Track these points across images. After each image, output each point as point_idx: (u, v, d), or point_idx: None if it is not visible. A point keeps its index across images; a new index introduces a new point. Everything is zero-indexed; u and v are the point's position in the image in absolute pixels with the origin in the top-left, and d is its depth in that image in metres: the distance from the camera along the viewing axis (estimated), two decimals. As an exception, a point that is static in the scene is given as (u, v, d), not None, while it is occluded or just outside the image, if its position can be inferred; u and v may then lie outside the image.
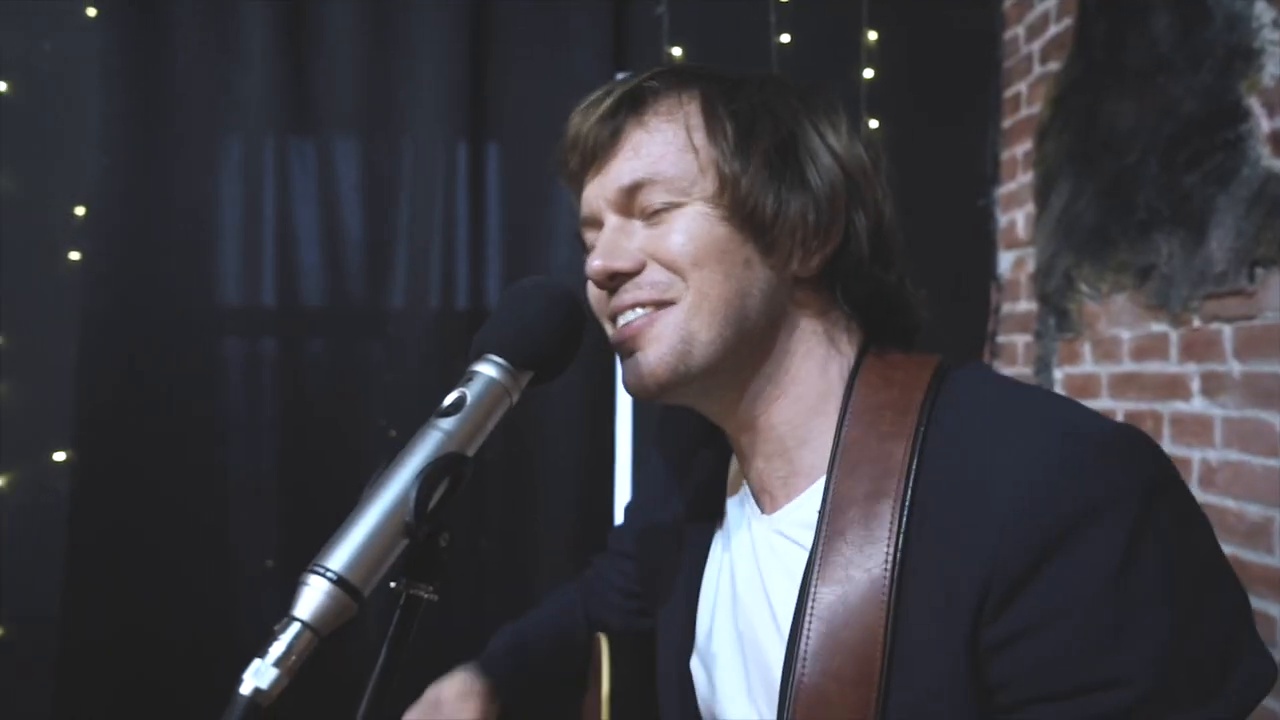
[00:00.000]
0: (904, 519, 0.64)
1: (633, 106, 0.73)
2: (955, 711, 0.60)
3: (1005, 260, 2.41)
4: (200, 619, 2.26)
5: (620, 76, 0.78)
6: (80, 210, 2.22)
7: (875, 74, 2.39)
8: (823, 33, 2.40)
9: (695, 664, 0.84)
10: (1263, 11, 1.56)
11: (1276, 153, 1.54)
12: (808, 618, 0.65)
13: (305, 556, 2.28)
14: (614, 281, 0.73)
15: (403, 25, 2.32)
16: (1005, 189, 2.41)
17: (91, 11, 2.21)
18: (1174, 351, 1.76)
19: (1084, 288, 2.04)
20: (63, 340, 2.22)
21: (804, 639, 0.65)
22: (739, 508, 0.81)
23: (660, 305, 0.72)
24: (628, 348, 0.73)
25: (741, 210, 0.71)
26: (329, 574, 0.53)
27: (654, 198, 0.72)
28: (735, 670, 0.78)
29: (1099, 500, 0.57)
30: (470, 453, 0.61)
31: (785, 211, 0.71)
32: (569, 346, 0.70)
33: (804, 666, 0.64)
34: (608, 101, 0.73)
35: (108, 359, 2.22)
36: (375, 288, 2.33)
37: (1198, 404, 1.69)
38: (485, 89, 2.35)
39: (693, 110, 0.73)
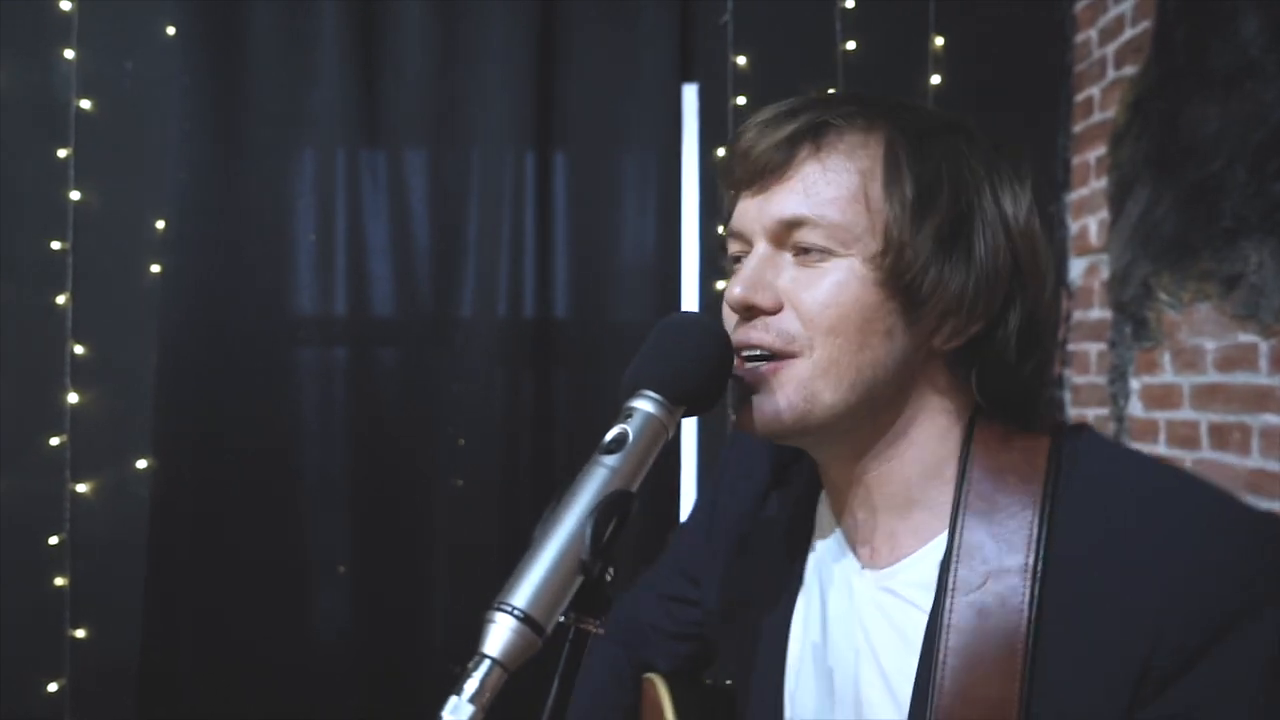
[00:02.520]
0: (1038, 586, 0.64)
1: (814, 136, 0.71)
2: None
3: (1077, 267, 2.37)
4: (275, 623, 2.31)
5: (804, 97, 0.75)
6: (160, 224, 2.28)
7: (942, 80, 2.36)
8: (889, 39, 2.38)
9: (786, 701, 0.82)
10: (1361, 15, 1.53)
11: (1377, 160, 1.50)
12: (936, 683, 0.65)
13: (377, 562, 2.33)
14: (749, 313, 0.72)
15: (471, 38, 2.35)
16: (1076, 194, 2.37)
17: (171, 30, 2.27)
18: (1264, 363, 1.72)
19: (1163, 296, 2.01)
20: (143, 350, 2.29)
21: (930, 706, 0.65)
22: (831, 557, 0.80)
23: (784, 355, 0.70)
24: (750, 387, 0.72)
25: (899, 279, 0.69)
26: (516, 612, 0.54)
27: (812, 239, 0.70)
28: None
29: (1262, 594, 0.59)
30: (634, 489, 0.62)
31: (944, 289, 0.69)
32: (722, 382, 0.70)
33: None
34: (790, 127, 0.71)
35: (186, 368, 2.28)
36: (444, 297, 2.37)
37: (1290, 417, 1.65)
38: (552, 99, 2.37)
39: (875, 157, 0.70)
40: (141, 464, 2.27)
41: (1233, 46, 1.79)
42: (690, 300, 2.42)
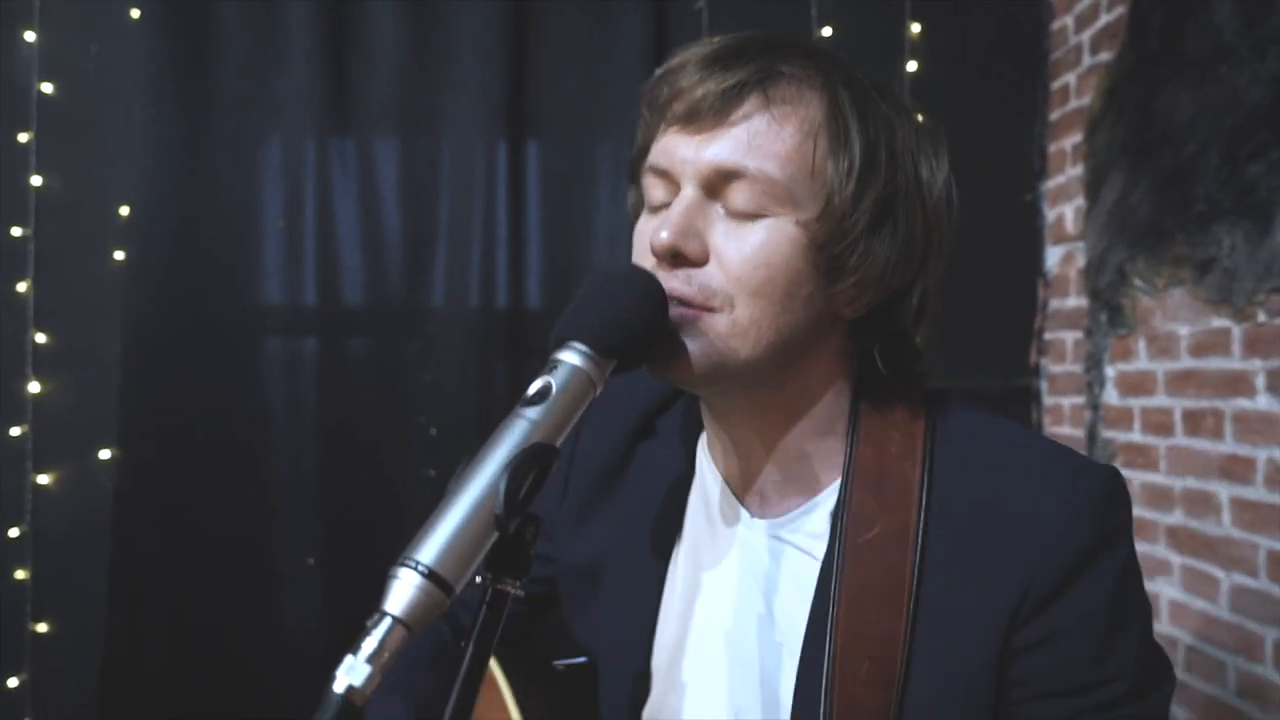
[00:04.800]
0: (923, 534, 0.69)
1: (763, 85, 0.68)
2: (972, 707, 0.66)
3: (1053, 255, 2.36)
4: (242, 617, 2.27)
5: (748, 36, 0.72)
6: (124, 210, 2.24)
7: (919, 67, 2.35)
8: (865, 25, 2.37)
9: (656, 669, 0.80)
10: (1333, -4, 1.52)
11: (1348, 141, 1.49)
12: (830, 626, 0.68)
13: (346, 554, 2.29)
14: (675, 261, 0.68)
15: (443, 26, 2.32)
16: (1053, 183, 2.36)
17: (135, 14, 2.23)
18: (1237, 347, 1.71)
19: (1138, 282, 2.00)
20: (107, 339, 2.24)
21: (827, 646, 0.67)
22: (714, 507, 0.79)
23: (703, 309, 0.68)
24: (669, 331, 0.69)
25: (831, 248, 0.68)
26: (419, 567, 0.51)
27: (746, 196, 0.67)
28: (713, 675, 0.76)
29: (1113, 530, 0.68)
30: (557, 443, 0.59)
31: (871, 263, 0.69)
32: (653, 337, 0.67)
33: (829, 671, 0.67)
34: (739, 72, 0.68)
35: (151, 357, 2.24)
36: (415, 287, 2.33)
37: (1263, 401, 1.64)
38: (525, 88, 2.34)
39: (821, 116, 0.68)
40: (105, 454, 2.23)
41: (1207, 31, 1.78)
42: (665, 289, 2.40)
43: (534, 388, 0.61)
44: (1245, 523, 1.66)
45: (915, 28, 2.36)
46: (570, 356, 0.63)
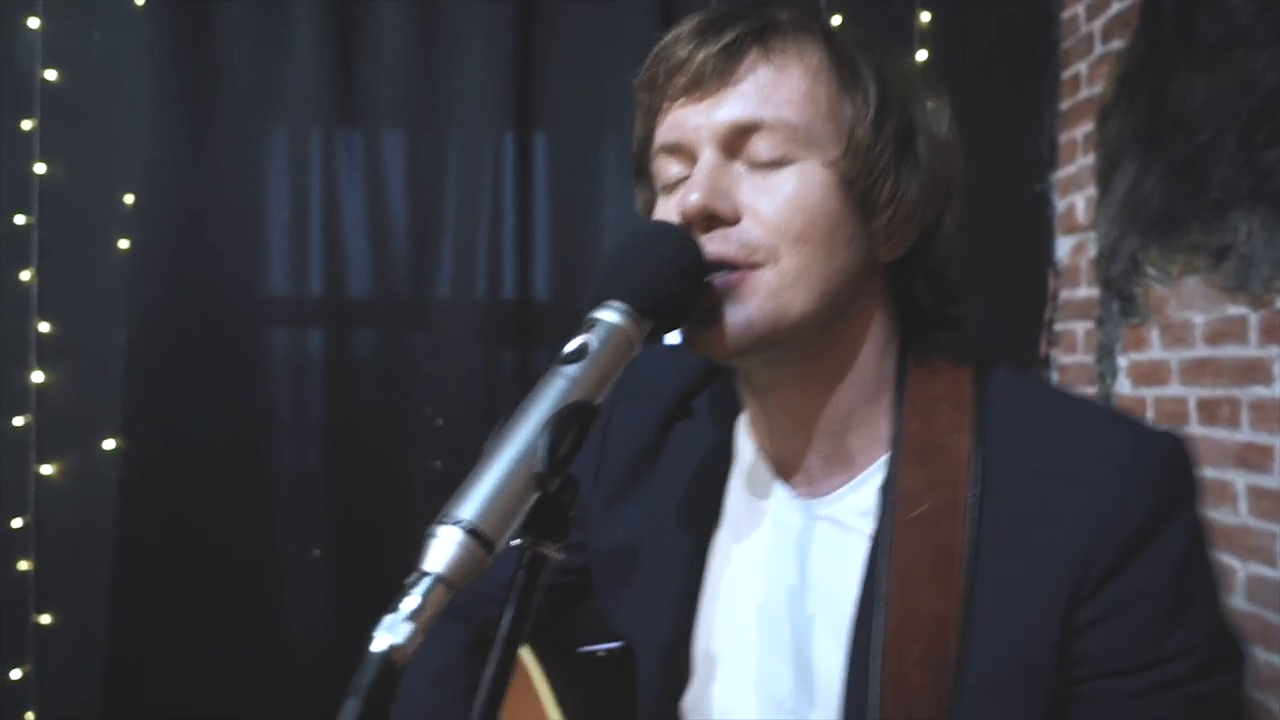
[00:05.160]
0: (975, 509, 0.66)
1: (759, 38, 0.68)
2: (1032, 687, 0.63)
3: (1063, 246, 2.34)
4: (247, 609, 2.25)
5: (733, 3, 0.72)
6: (129, 198, 2.22)
7: (929, 56, 2.33)
8: (875, 14, 2.35)
9: (697, 656, 0.78)
10: (1353, -23, 1.50)
11: (1369, 124, 1.47)
12: (881, 604, 0.65)
13: (352, 546, 2.26)
14: (706, 223, 0.67)
15: (449, 16, 2.30)
16: (1064, 172, 2.35)
17: (139, 1, 2.21)
18: (1254, 334, 1.70)
19: (1151, 271, 1.98)
20: (111, 328, 2.22)
21: (878, 625, 0.65)
22: (755, 490, 0.77)
23: (747, 266, 0.66)
24: (714, 300, 0.67)
25: (861, 183, 0.67)
26: (461, 524, 0.49)
27: (768, 145, 0.66)
28: (758, 659, 0.74)
29: (1177, 499, 0.65)
30: (597, 401, 0.57)
31: (902, 195, 0.68)
32: (692, 295, 0.65)
33: (882, 652, 0.64)
34: (732, 31, 0.67)
35: (156, 347, 2.22)
36: (422, 278, 2.32)
37: (1280, 388, 1.62)
38: (532, 79, 2.32)
39: (824, 58, 0.68)
40: (109, 445, 2.21)
41: (1222, 15, 1.77)
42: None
43: (571, 345, 0.59)
44: (1262, 511, 1.65)
45: (925, 17, 2.35)
46: (608, 315, 0.61)
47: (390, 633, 0.45)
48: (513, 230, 2.33)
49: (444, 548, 0.49)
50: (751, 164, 0.67)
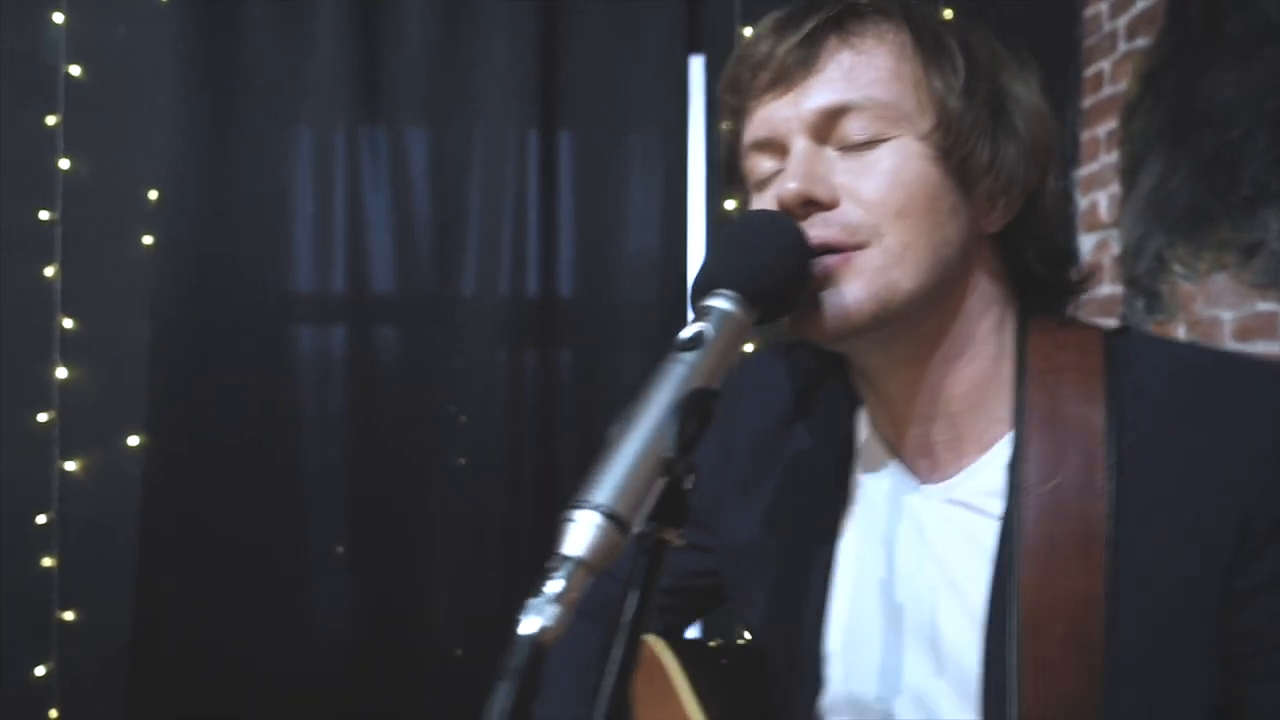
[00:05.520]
0: (1113, 479, 0.64)
1: (837, 25, 0.68)
2: (1196, 660, 0.61)
3: (1086, 243, 2.35)
4: (270, 605, 2.25)
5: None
6: (153, 194, 2.22)
7: (951, 54, 2.34)
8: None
9: (831, 654, 0.77)
10: (1388, -26, 1.51)
11: (1404, 120, 1.48)
12: (1015, 583, 0.64)
13: (375, 543, 2.25)
14: (805, 210, 0.66)
15: (474, 11, 2.30)
16: (1086, 170, 2.35)
17: (165, -3, 2.21)
18: (1284, 331, 1.70)
19: (1178, 268, 1.99)
20: (135, 324, 2.22)
21: (1013, 608, 0.63)
22: (881, 480, 0.77)
23: (850, 248, 0.66)
24: (817, 285, 0.67)
25: (957, 153, 0.67)
26: (599, 507, 0.50)
27: (860, 125, 0.66)
28: (894, 653, 0.73)
29: None
30: (715, 387, 0.57)
31: (1000, 163, 0.68)
32: (799, 283, 0.65)
33: (1018, 634, 0.63)
34: (810, 22, 0.68)
35: (180, 343, 2.22)
36: (446, 275, 2.32)
37: (1313, 384, 1.62)
38: (556, 75, 2.32)
39: (904, 35, 0.68)
40: (133, 441, 2.21)
41: (1251, 10, 1.77)
42: (696, 277, 2.39)
43: (687, 333, 0.59)
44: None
45: (947, 14, 2.35)
46: (720, 303, 0.61)
47: (538, 615, 0.46)
48: (536, 228, 2.33)
49: (582, 531, 0.49)
50: (844, 147, 0.67)
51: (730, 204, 0.77)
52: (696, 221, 2.39)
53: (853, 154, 0.67)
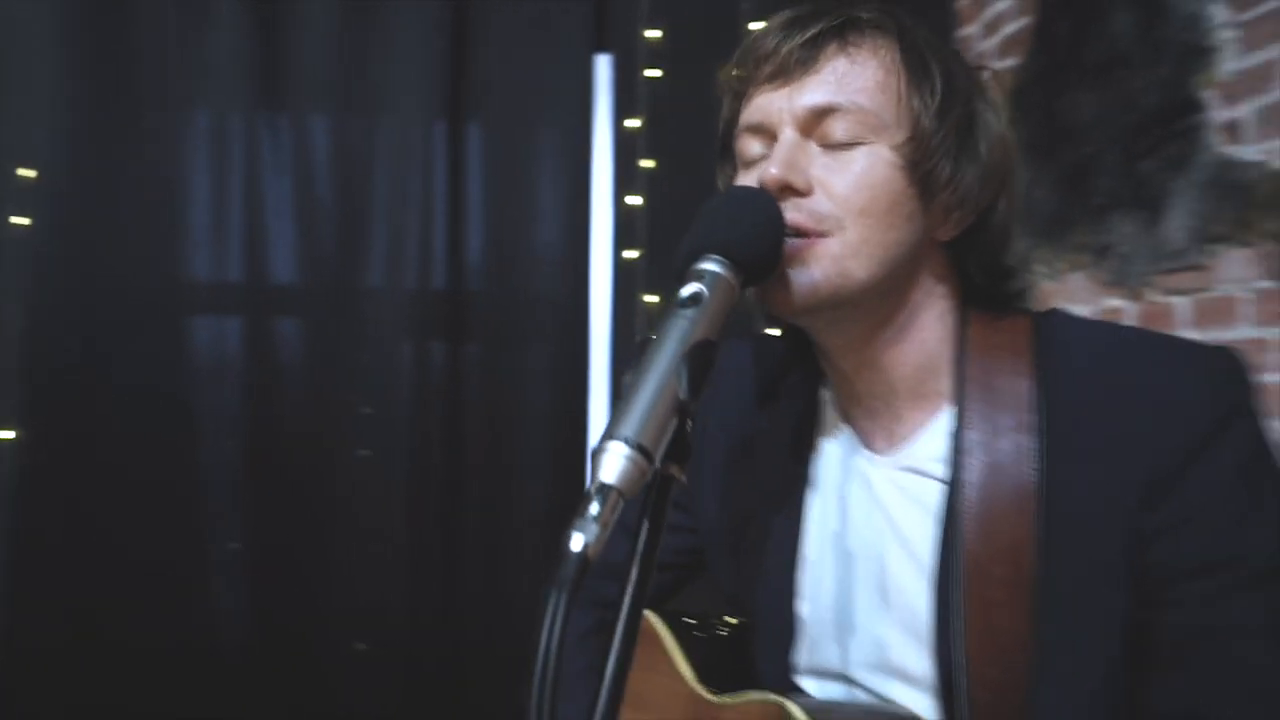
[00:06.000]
0: (1041, 437, 0.73)
1: (839, 34, 0.75)
2: (1116, 591, 0.69)
3: (960, 246, 2.54)
4: (156, 605, 2.16)
5: (819, 2, 0.78)
6: (28, 172, 2.09)
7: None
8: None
9: (802, 615, 0.84)
10: (1216, 11, 1.72)
11: (1229, 141, 1.70)
12: (960, 535, 0.72)
13: (273, 539, 2.21)
14: (782, 194, 0.73)
15: (380, 2, 2.28)
16: (960, 178, 2.55)
17: (44, -34, 2.09)
18: (1130, 323, 1.91)
19: (1040, 268, 2.19)
20: (7, 310, 2.09)
21: (958, 557, 0.72)
22: (842, 454, 0.84)
23: (816, 234, 0.73)
24: (787, 262, 0.74)
25: (923, 166, 0.74)
26: (629, 440, 0.55)
27: (842, 127, 0.74)
28: (857, 609, 0.81)
29: (1234, 405, 0.70)
30: (715, 339, 0.64)
31: (959, 181, 0.75)
32: (776, 255, 0.72)
33: (964, 581, 0.71)
34: (816, 26, 0.75)
35: (59, 332, 2.11)
36: (350, 266, 2.29)
37: (1155, 371, 1.84)
38: (465, 68, 2.34)
39: (896, 53, 0.75)
40: (5, 435, 2.07)
41: (1106, 39, 1.98)
42: (603, 275, 2.44)
43: (686, 292, 0.65)
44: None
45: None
46: (712, 266, 0.67)
47: (583, 534, 0.51)
48: (443, 220, 2.33)
49: (614, 461, 0.54)
50: (825, 144, 0.75)
51: (633, 199, 0.82)
52: (601, 217, 2.45)
53: (832, 151, 0.74)
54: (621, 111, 2.42)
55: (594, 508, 0.52)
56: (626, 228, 2.41)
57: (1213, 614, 0.67)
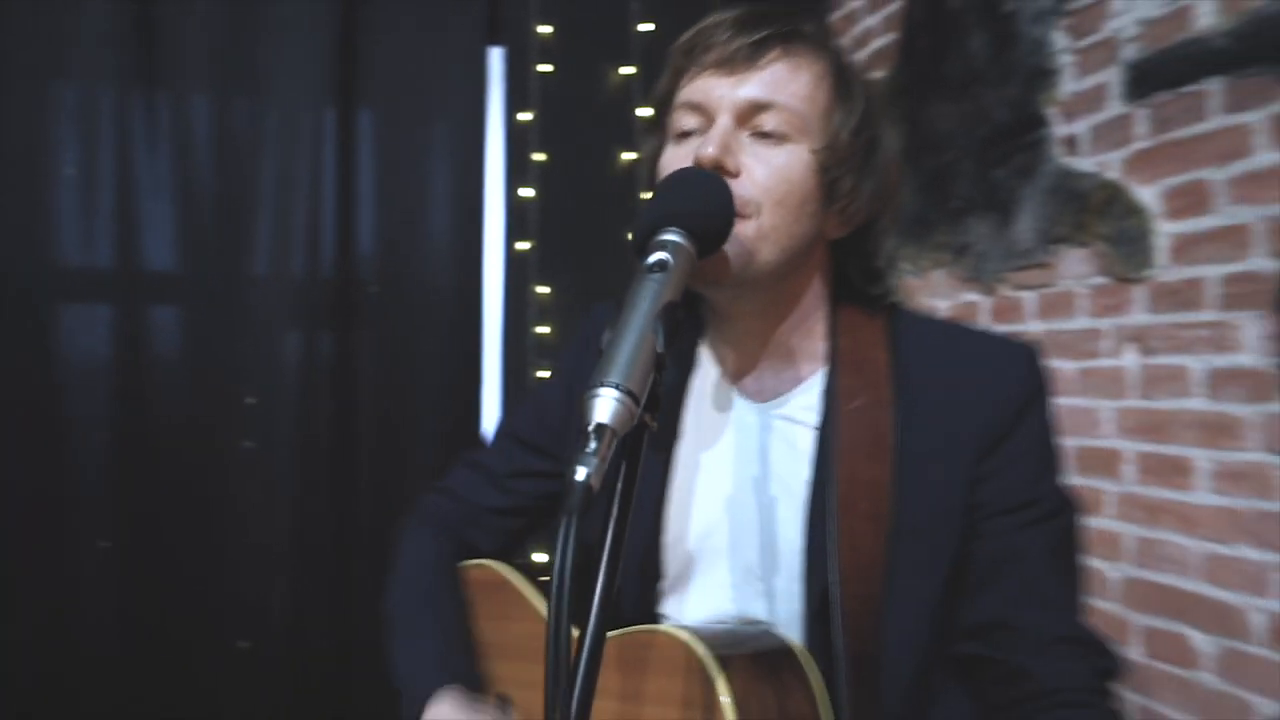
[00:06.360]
0: (895, 396, 0.87)
1: (784, 41, 0.84)
2: (951, 524, 0.84)
3: (832, 243, 2.72)
4: (27, 605, 2.03)
5: (765, 8, 0.87)
6: None
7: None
8: (680, 26, 2.58)
9: (666, 549, 0.92)
10: (1059, 38, 1.94)
11: (1069, 153, 1.92)
12: (831, 474, 0.84)
13: (151, 537, 2.16)
14: (713, 171, 0.81)
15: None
16: (832, 180, 2.73)
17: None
18: (984, 315, 2.12)
19: (905, 265, 2.39)
20: None
21: (831, 493, 0.83)
22: (715, 403, 0.94)
23: (739, 216, 0.82)
24: None
25: (832, 174, 0.85)
26: (618, 386, 0.62)
27: (774, 122, 0.83)
28: (719, 537, 0.90)
29: (1043, 384, 0.88)
30: (679, 300, 0.71)
31: (858, 191, 0.87)
32: (726, 231, 0.80)
33: (836, 512, 0.83)
34: (765, 29, 0.83)
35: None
36: (234, 253, 2.22)
37: (1006, 358, 2.05)
38: (356, 55, 2.31)
39: (827, 69, 0.86)
40: None
41: (964, 58, 2.19)
42: (494, 263, 2.47)
43: (653, 259, 0.72)
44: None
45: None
46: (674, 236, 0.75)
47: (586, 466, 0.58)
48: (333, 207, 2.30)
49: (606, 404, 0.61)
50: (755, 134, 0.84)
51: (525, 191, 0.85)
52: (494, 208, 2.47)
53: (760, 142, 0.84)
54: (514, 105, 2.46)
55: (592, 444, 0.59)
56: (518, 219, 2.45)
57: (1014, 543, 0.83)
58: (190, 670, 2.16)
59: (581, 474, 0.58)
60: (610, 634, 0.84)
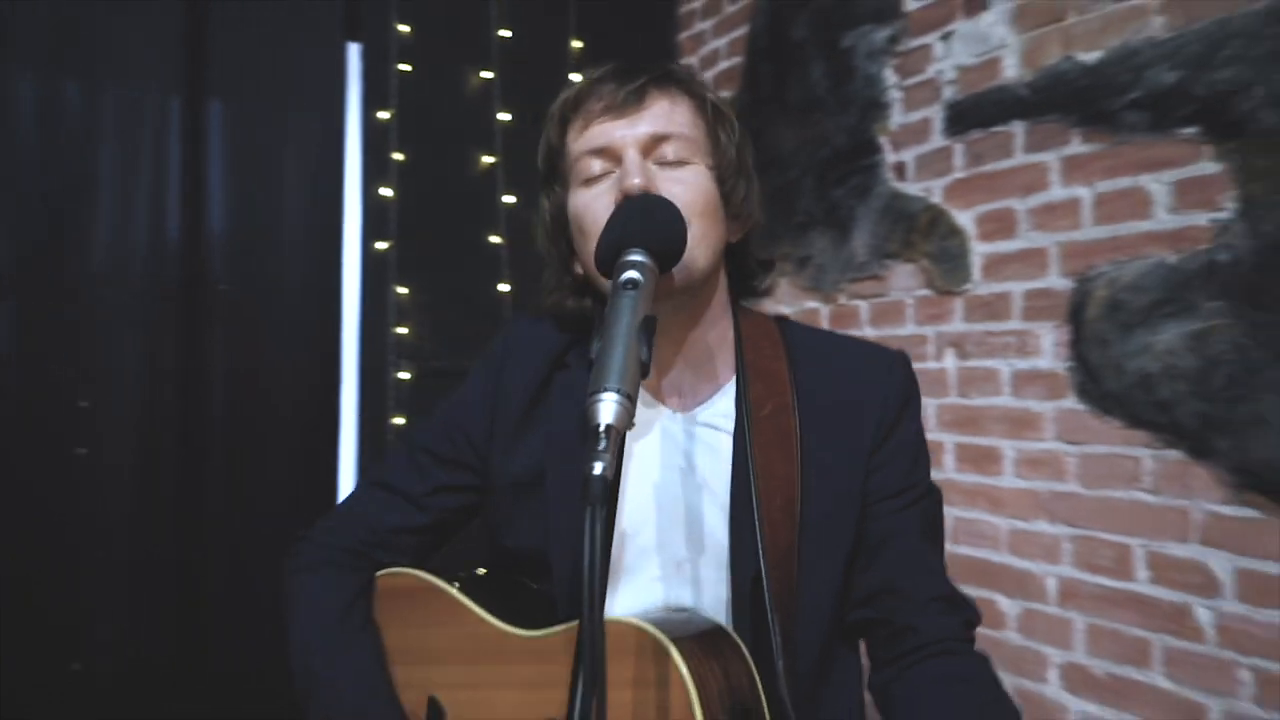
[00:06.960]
0: (796, 402, 0.99)
1: (660, 83, 0.96)
2: (849, 511, 0.96)
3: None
4: None
5: (633, 65, 0.97)
6: None
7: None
8: (537, 33, 2.64)
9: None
10: (889, 75, 2.18)
11: (899, 178, 2.16)
12: (751, 475, 0.94)
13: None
14: None
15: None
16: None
17: None
18: (824, 322, 2.34)
19: (751, 273, 2.57)
20: None
21: (753, 490, 0.94)
22: (643, 411, 1.01)
23: None
24: None
25: (728, 184, 0.97)
26: (619, 390, 0.69)
27: (674, 150, 0.94)
28: (648, 532, 0.99)
29: (914, 389, 1.02)
30: (654, 314, 0.79)
31: (747, 197, 0.99)
32: (683, 248, 0.89)
33: (758, 508, 0.93)
34: (642, 76, 0.95)
35: None
36: (65, 249, 2.05)
37: (843, 360, 2.27)
38: (204, 43, 2.20)
39: (703, 103, 0.98)
40: None
41: (805, 85, 2.39)
42: (352, 262, 2.43)
43: (625, 276, 0.80)
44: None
45: (578, 44, 2.70)
46: (641, 257, 0.83)
47: (601, 463, 0.65)
48: (178, 202, 2.18)
49: (608, 406, 0.69)
50: (660, 163, 0.94)
51: (385, 191, 0.86)
52: (352, 205, 2.43)
53: (667, 169, 0.94)
54: (373, 103, 2.42)
55: (602, 444, 0.67)
56: (378, 218, 2.42)
57: (896, 523, 0.96)
58: (16, 696, 1.99)
59: (599, 468, 0.65)
60: (557, 629, 0.92)
